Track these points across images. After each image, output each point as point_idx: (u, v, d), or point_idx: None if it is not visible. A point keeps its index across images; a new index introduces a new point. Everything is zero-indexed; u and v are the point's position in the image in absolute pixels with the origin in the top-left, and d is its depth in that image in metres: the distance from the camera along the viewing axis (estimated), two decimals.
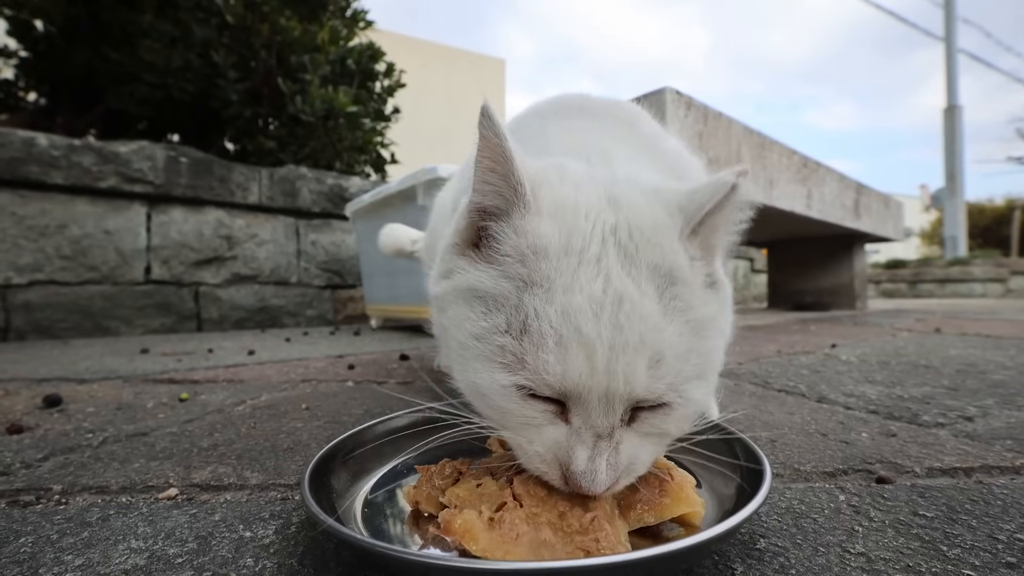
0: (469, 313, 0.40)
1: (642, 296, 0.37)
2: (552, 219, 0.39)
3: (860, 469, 0.57)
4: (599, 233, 0.38)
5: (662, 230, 0.39)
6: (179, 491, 0.53)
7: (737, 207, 0.40)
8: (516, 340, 0.37)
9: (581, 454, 0.36)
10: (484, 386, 0.39)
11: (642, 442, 0.39)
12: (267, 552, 0.40)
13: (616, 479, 0.37)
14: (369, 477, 0.51)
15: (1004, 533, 0.42)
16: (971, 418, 0.77)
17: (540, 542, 0.35)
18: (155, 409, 0.90)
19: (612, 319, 0.35)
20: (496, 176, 0.39)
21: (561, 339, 0.35)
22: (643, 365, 0.35)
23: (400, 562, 0.31)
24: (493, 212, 0.41)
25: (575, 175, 0.44)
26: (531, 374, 0.36)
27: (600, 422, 0.37)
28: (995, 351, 1.48)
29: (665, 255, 0.39)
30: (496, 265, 0.40)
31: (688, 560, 0.35)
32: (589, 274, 0.37)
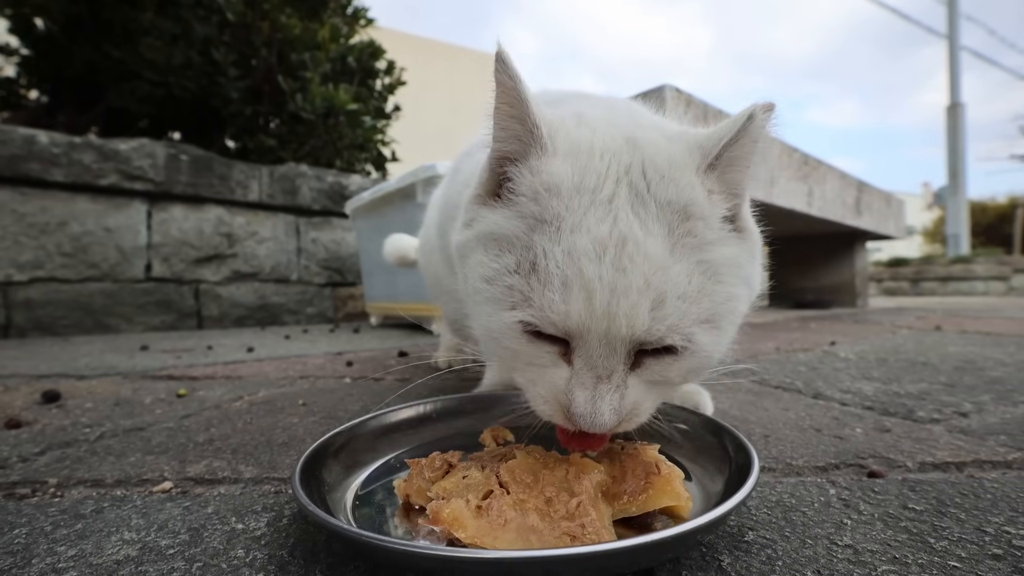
0: (483, 257, 0.41)
1: (647, 236, 0.37)
2: (567, 159, 0.39)
3: (852, 464, 0.57)
4: (613, 172, 0.39)
5: (678, 166, 0.39)
6: (174, 484, 0.53)
7: (755, 139, 0.39)
8: (524, 279, 0.38)
9: (580, 395, 0.37)
10: (494, 328, 0.40)
11: (647, 389, 0.40)
12: (258, 544, 0.41)
13: (618, 421, 0.38)
14: (362, 471, 0.51)
15: (992, 526, 0.42)
16: (966, 414, 0.77)
17: (527, 527, 0.35)
18: (153, 405, 0.90)
19: (615, 261, 0.35)
20: (513, 120, 0.40)
21: (566, 279, 0.36)
22: (645, 307, 0.35)
23: (385, 551, 0.32)
24: (512, 157, 0.42)
25: (594, 120, 0.44)
26: (536, 311, 0.37)
27: (601, 363, 0.37)
28: (994, 348, 1.48)
29: (680, 190, 0.39)
30: (511, 206, 0.41)
31: (673, 549, 0.35)
32: (599, 214, 0.37)
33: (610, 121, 0.45)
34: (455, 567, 0.31)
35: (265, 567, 0.37)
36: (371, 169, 4.05)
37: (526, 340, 0.38)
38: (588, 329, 0.36)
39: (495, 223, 0.41)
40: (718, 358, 0.42)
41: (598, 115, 0.46)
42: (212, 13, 3.17)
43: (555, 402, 0.39)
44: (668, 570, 0.36)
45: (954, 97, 9.40)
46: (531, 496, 0.38)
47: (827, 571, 0.36)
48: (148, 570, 0.37)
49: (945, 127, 9.48)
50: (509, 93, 0.39)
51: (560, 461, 0.43)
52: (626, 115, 0.51)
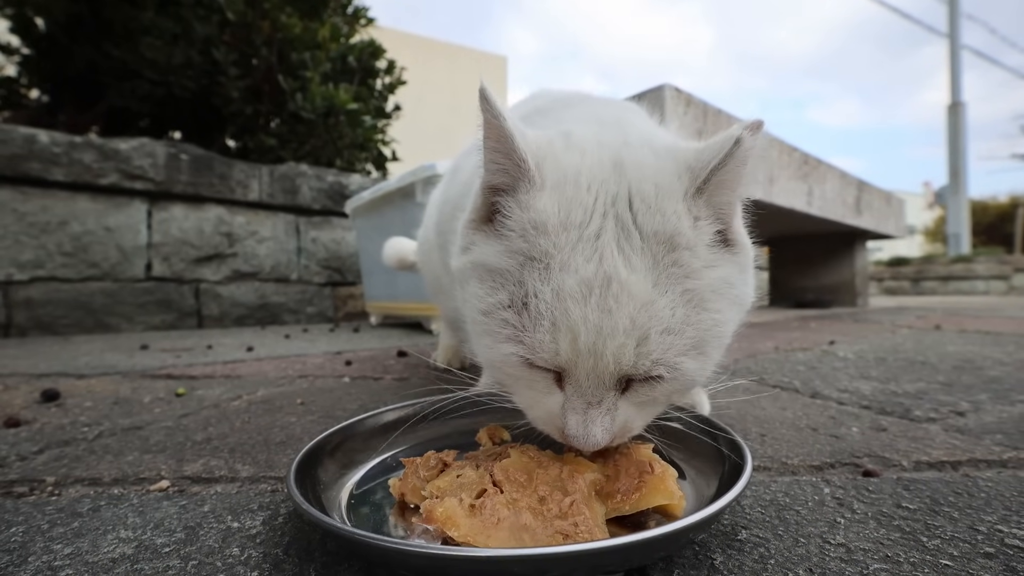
0: (479, 290, 0.43)
1: (632, 273, 0.37)
2: (554, 192, 0.40)
3: (847, 463, 0.57)
4: (600, 205, 0.40)
5: (665, 194, 0.40)
6: (171, 483, 0.54)
7: (743, 161, 0.39)
8: (517, 315, 0.39)
9: (572, 419, 0.40)
10: (493, 358, 0.42)
11: (637, 410, 0.42)
12: (253, 542, 0.41)
13: (610, 439, 0.40)
14: (358, 470, 0.51)
15: (985, 524, 0.42)
16: (963, 413, 0.77)
17: (521, 526, 0.35)
18: (151, 404, 0.90)
19: (600, 302, 0.37)
20: (500, 155, 0.41)
21: (555, 320, 0.37)
22: (631, 346, 0.37)
23: (379, 549, 0.32)
24: (502, 188, 0.43)
25: (582, 141, 0.45)
26: (527, 348, 0.39)
27: (591, 392, 0.39)
28: (993, 347, 1.48)
29: (667, 220, 0.39)
30: (503, 239, 0.42)
31: (665, 548, 0.35)
32: (585, 253, 0.38)
33: (599, 141, 0.45)
34: (448, 565, 0.31)
35: (260, 565, 0.37)
36: (371, 169, 4.05)
37: (523, 369, 0.41)
38: (576, 366, 0.38)
39: (489, 255, 0.42)
40: (703, 381, 0.43)
41: (587, 134, 0.46)
42: (212, 12, 3.18)
43: (551, 424, 0.42)
44: (661, 569, 0.36)
45: (955, 96, 9.38)
46: (524, 495, 0.38)
47: (819, 569, 0.36)
48: (144, 568, 0.37)
49: (946, 126, 9.46)
50: (495, 130, 0.40)
51: (554, 460, 0.43)
52: (616, 129, 0.51)
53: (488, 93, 0.39)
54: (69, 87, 3.35)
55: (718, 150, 0.39)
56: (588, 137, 0.45)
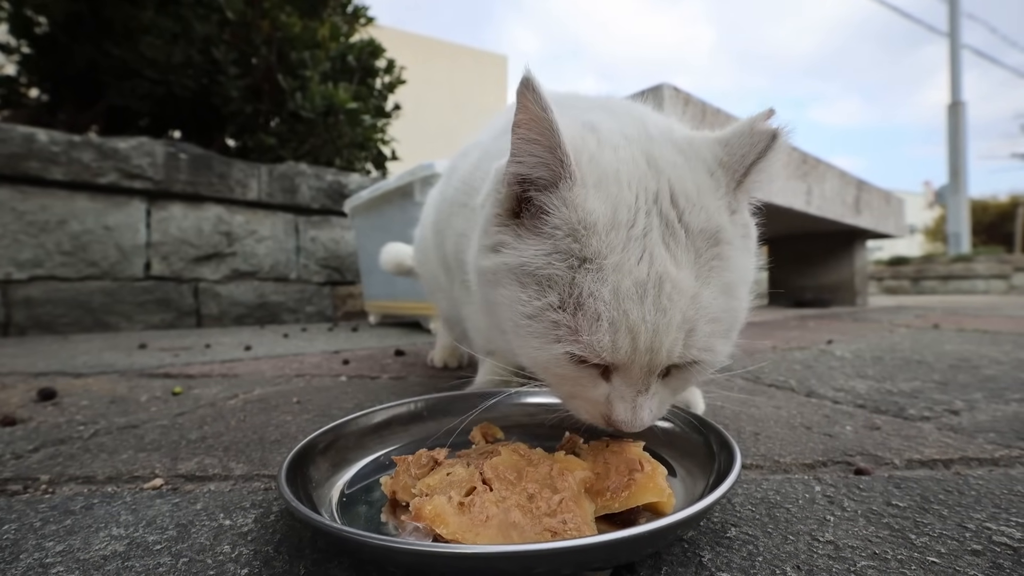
0: (520, 295, 0.42)
1: (680, 270, 0.39)
2: (597, 191, 0.41)
3: (840, 461, 0.57)
4: (643, 204, 0.41)
5: (705, 191, 0.42)
6: (164, 481, 0.54)
7: (782, 153, 0.41)
8: (571, 315, 0.40)
9: (620, 407, 0.42)
10: (542, 358, 0.43)
11: (671, 393, 0.45)
12: (245, 539, 0.41)
13: (653, 421, 0.43)
14: (350, 468, 0.51)
15: (974, 522, 0.42)
16: (957, 412, 0.77)
17: (509, 524, 0.36)
18: (148, 403, 0.91)
19: (655, 301, 0.38)
20: (540, 147, 0.40)
21: (613, 320, 0.38)
22: (681, 339, 0.39)
23: (368, 547, 0.32)
24: (537, 183, 0.42)
25: (610, 135, 0.45)
26: (584, 347, 0.39)
27: (640, 383, 0.41)
28: (991, 347, 1.48)
29: (710, 216, 0.41)
30: (545, 238, 0.41)
31: (651, 544, 0.35)
32: (636, 252, 0.39)
33: (625, 135, 0.46)
34: (434, 562, 0.31)
35: (250, 562, 0.38)
36: (371, 168, 4.05)
37: (572, 367, 0.42)
38: (633, 362, 0.40)
39: (530, 257, 0.42)
40: (726, 361, 0.46)
41: (612, 127, 0.47)
42: (212, 12, 3.18)
43: (596, 412, 0.44)
44: (649, 565, 0.36)
45: (955, 95, 9.37)
46: (513, 493, 0.38)
47: (807, 566, 0.36)
48: (135, 565, 0.37)
49: (946, 125, 9.45)
50: (539, 123, 0.39)
51: (544, 458, 0.43)
52: (634, 123, 0.51)
53: (533, 81, 0.38)
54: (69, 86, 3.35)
55: (752, 144, 0.40)
56: (614, 130, 0.46)
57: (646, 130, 0.47)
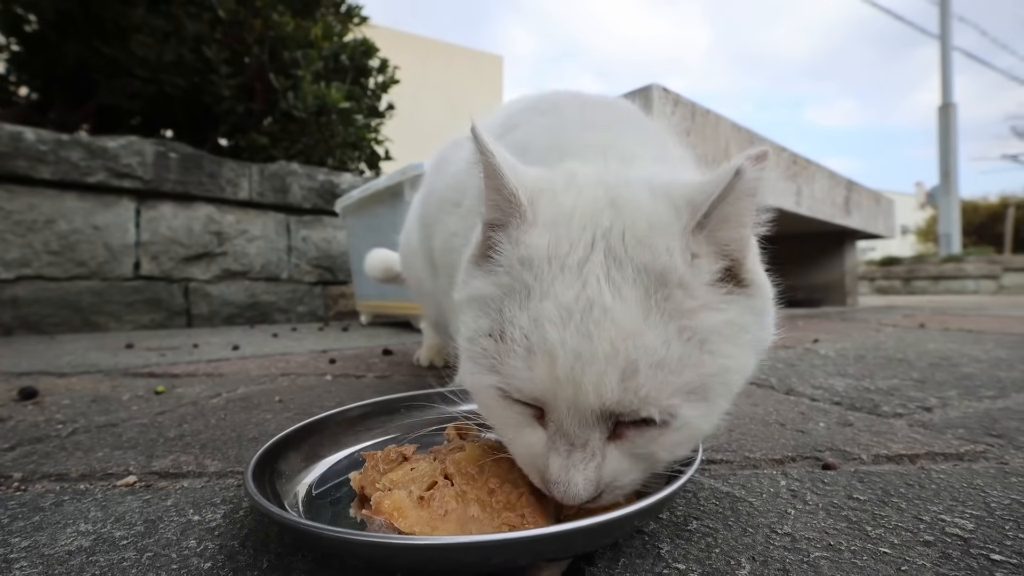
0: (466, 318, 0.42)
1: (617, 300, 0.35)
2: (545, 229, 0.39)
3: (809, 456, 0.58)
4: (588, 237, 0.38)
5: (658, 229, 0.37)
6: (138, 478, 0.54)
7: (746, 194, 0.36)
8: (495, 344, 0.38)
9: (555, 462, 0.36)
10: (474, 386, 0.40)
11: (632, 462, 0.37)
12: (212, 534, 0.41)
13: (595, 493, 0.36)
14: (322, 463, 0.52)
15: (930, 514, 0.43)
16: (930, 408, 0.78)
17: (468, 518, 0.36)
18: (130, 401, 0.90)
19: (580, 326, 0.34)
20: (493, 191, 0.40)
21: (530, 346, 0.35)
22: (615, 376, 0.34)
23: (325, 539, 0.32)
24: (497, 225, 0.42)
25: (583, 180, 0.43)
26: (503, 378, 0.37)
27: (573, 432, 0.36)
28: (973, 345, 1.49)
29: (657, 255, 0.36)
30: (492, 274, 0.41)
31: (608, 535, 0.36)
32: (568, 280, 0.36)
33: (600, 179, 0.43)
34: (389, 553, 0.31)
35: (214, 556, 0.38)
36: (365, 168, 4.05)
37: (502, 403, 0.38)
38: (555, 395, 0.35)
39: (477, 288, 0.42)
40: (709, 431, 0.39)
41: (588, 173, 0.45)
42: (204, 10, 3.16)
43: (532, 466, 0.38)
44: (608, 558, 0.37)
45: (946, 97, 9.45)
46: (474, 487, 0.39)
47: (762, 557, 0.37)
48: (99, 560, 0.38)
49: (937, 127, 9.54)
50: (487, 167, 0.39)
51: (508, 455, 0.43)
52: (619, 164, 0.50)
53: (478, 130, 0.38)
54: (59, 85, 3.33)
55: (719, 182, 0.35)
56: (589, 176, 0.44)
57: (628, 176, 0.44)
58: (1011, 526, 0.41)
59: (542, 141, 0.58)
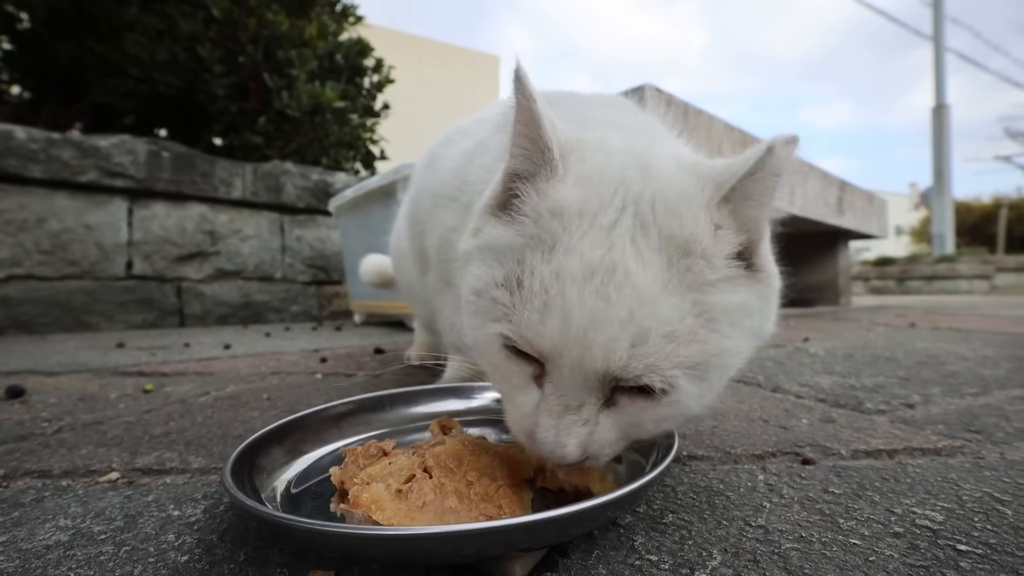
0: (477, 270, 0.41)
1: (640, 266, 0.35)
2: (576, 185, 0.38)
3: (789, 452, 0.58)
4: (619, 200, 0.37)
5: (686, 198, 0.37)
6: (120, 474, 0.54)
7: (773, 172, 0.36)
8: (509, 293, 0.37)
9: (544, 422, 0.36)
10: (479, 339, 0.40)
11: (618, 434, 0.38)
12: (191, 529, 0.41)
13: (582, 456, 0.36)
14: (304, 458, 0.52)
15: (902, 507, 0.43)
16: (913, 405, 0.79)
17: (446, 509, 0.36)
18: (117, 400, 0.90)
19: (599, 289, 0.34)
20: (527, 139, 0.39)
21: (547, 300, 0.35)
22: (626, 341, 0.34)
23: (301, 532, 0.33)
24: (523, 176, 0.41)
25: (613, 145, 0.43)
26: (514, 327, 0.36)
27: (571, 393, 0.36)
28: (960, 344, 1.51)
29: (684, 224, 0.36)
30: (514, 224, 0.40)
31: (579, 525, 0.36)
32: (596, 239, 0.36)
33: (629, 147, 0.43)
34: (361, 544, 0.32)
35: (192, 550, 0.38)
36: (360, 167, 4.05)
37: (504, 355, 0.38)
38: (561, 354, 0.35)
39: (496, 236, 0.41)
40: (698, 411, 0.39)
41: (619, 140, 0.45)
42: (198, 9, 3.15)
43: (522, 425, 0.38)
44: (583, 549, 0.37)
45: (939, 99, 9.52)
46: (452, 480, 0.39)
47: (733, 549, 0.37)
48: (76, 554, 0.38)
49: (931, 128, 9.61)
50: (524, 112, 0.38)
51: (488, 449, 0.44)
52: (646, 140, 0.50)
53: (523, 73, 0.37)
54: (51, 83, 3.31)
55: (748, 158, 0.36)
56: (619, 143, 0.44)
57: (654, 148, 0.45)
58: (980, 518, 0.41)
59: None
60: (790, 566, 0.35)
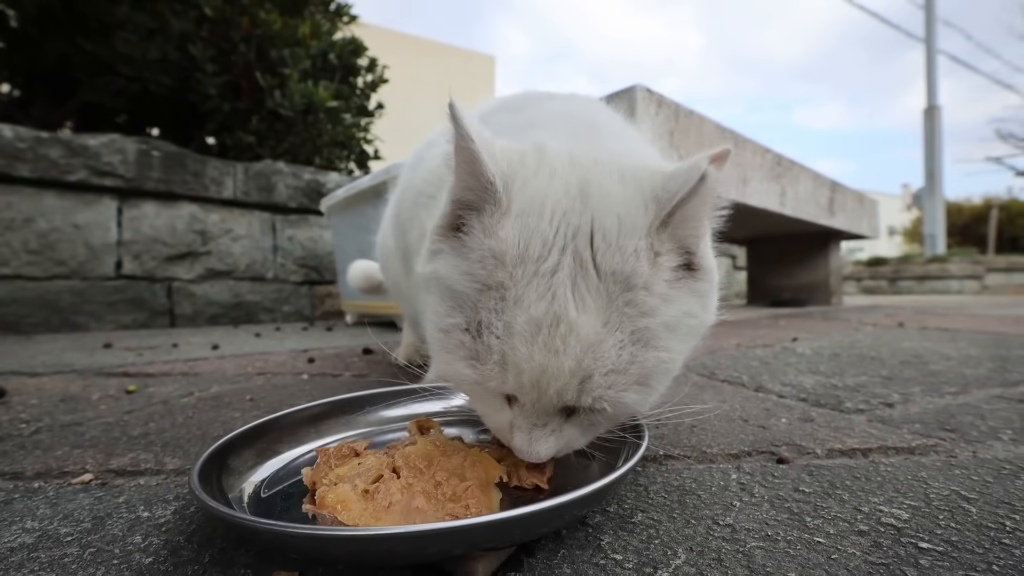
0: (439, 308, 0.43)
1: (582, 314, 0.37)
2: (517, 220, 0.39)
3: (764, 451, 0.59)
4: (560, 239, 0.39)
5: (627, 230, 0.39)
6: (94, 476, 0.54)
7: (708, 196, 0.39)
8: (473, 339, 0.40)
9: (518, 437, 0.42)
10: (449, 374, 0.43)
11: (581, 432, 0.44)
12: (159, 530, 0.41)
13: (554, 454, 0.43)
14: (278, 459, 0.52)
15: (869, 505, 0.44)
16: (892, 404, 0.79)
17: (412, 509, 0.37)
18: (99, 401, 0.90)
19: (547, 342, 0.37)
20: (470, 176, 0.40)
21: (503, 355, 0.38)
22: (575, 383, 0.38)
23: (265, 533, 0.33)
24: (469, 206, 0.42)
25: (552, 160, 0.43)
26: (478, 374, 0.40)
27: (535, 418, 0.41)
28: (946, 343, 1.52)
29: (625, 259, 0.38)
30: (464, 259, 0.41)
31: (546, 523, 0.36)
32: (539, 289, 0.38)
33: (571, 159, 0.44)
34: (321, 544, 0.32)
35: (158, 552, 0.38)
36: (354, 167, 4.04)
37: (476, 388, 0.42)
38: (522, 394, 0.40)
39: (451, 272, 0.42)
40: (645, 410, 0.44)
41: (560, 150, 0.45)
42: (189, 7, 3.14)
43: (502, 434, 0.44)
44: (549, 549, 0.38)
45: (931, 100, 9.60)
46: (421, 480, 0.39)
47: (699, 548, 0.37)
48: (40, 556, 0.37)
49: (922, 129, 9.68)
50: (464, 152, 0.39)
51: (459, 449, 0.44)
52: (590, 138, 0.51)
53: (458, 110, 0.38)
54: (41, 82, 3.29)
55: (684, 181, 0.37)
56: (560, 153, 0.44)
57: (596, 153, 0.45)
58: (945, 516, 0.42)
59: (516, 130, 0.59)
60: (753, 564, 0.35)
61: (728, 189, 2.53)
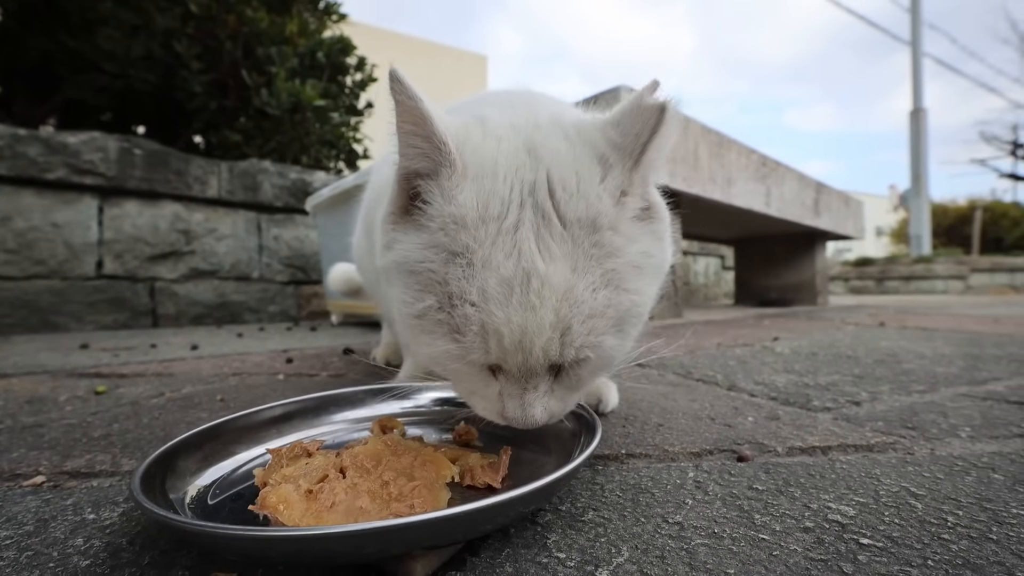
0: (406, 296, 0.42)
1: (551, 264, 0.37)
2: (473, 183, 0.40)
3: (726, 449, 0.59)
4: (517, 196, 0.39)
5: (587, 179, 0.39)
6: (47, 478, 0.53)
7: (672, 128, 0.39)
8: (448, 314, 0.39)
9: (510, 404, 0.42)
10: (431, 355, 0.42)
11: (569, 392, 0.45)
12: (102, 533, 0.41)
13: (549, 419, 0.43)
14: (233, 460, 0.51)
15: (819, 502, 0.44)
16: (859, 403, 0.80)
17: (356, 509, 0.36)
18: (66, 402, 0.88)
19: (522, 299, 0.37)
20: (419, 139, 0.40)
21: (482, 323, 0.38)
22: (557, 337, 0.38)
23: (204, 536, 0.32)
24: (424, 174, 0.41)
25: (497, 126, 0.44)
26: (460, 348, 0.39)
27: (524, 381, 0.41)
28: (923, 342, 1.54)
29: (589, 204, 0.39)
30: (423, 230, 0.41)
31: (490, 520, 0.35)
32: (505, 247, 0.38)
33: (512, 124, 0.44)
34: (255, 546, 0.31)
35: (97, 554, 0.37)
36: (343, 166, 4.01)
37: (460, 364, 0.41)
38: (506, 360, 0.39)
39: (410, 251, 0.41)
40: (620, 359, 0.45)
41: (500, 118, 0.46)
42: (175, 4, 3.10)
43: (491, 409, 0.44)
44: (494, 548, 0.37)
45: (917, 102, 9.73)
46: (367, 480, 0.39)
47: (644, 546, 0.37)
48: None
49: (908, 131, 9.81)
50: (411, 112, 0.39)
51: (410, 449, 0.44)
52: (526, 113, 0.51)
53: (400, 74, 0.38)
54: (23, 78, 3.24)
55: (642, 121, 0.38)
56: (501, 122, 0.45)
57: (535, 119, 0.46)
58: (890, 512, 0.42)
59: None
60: (695, 562, 0.35)
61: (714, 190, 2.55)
